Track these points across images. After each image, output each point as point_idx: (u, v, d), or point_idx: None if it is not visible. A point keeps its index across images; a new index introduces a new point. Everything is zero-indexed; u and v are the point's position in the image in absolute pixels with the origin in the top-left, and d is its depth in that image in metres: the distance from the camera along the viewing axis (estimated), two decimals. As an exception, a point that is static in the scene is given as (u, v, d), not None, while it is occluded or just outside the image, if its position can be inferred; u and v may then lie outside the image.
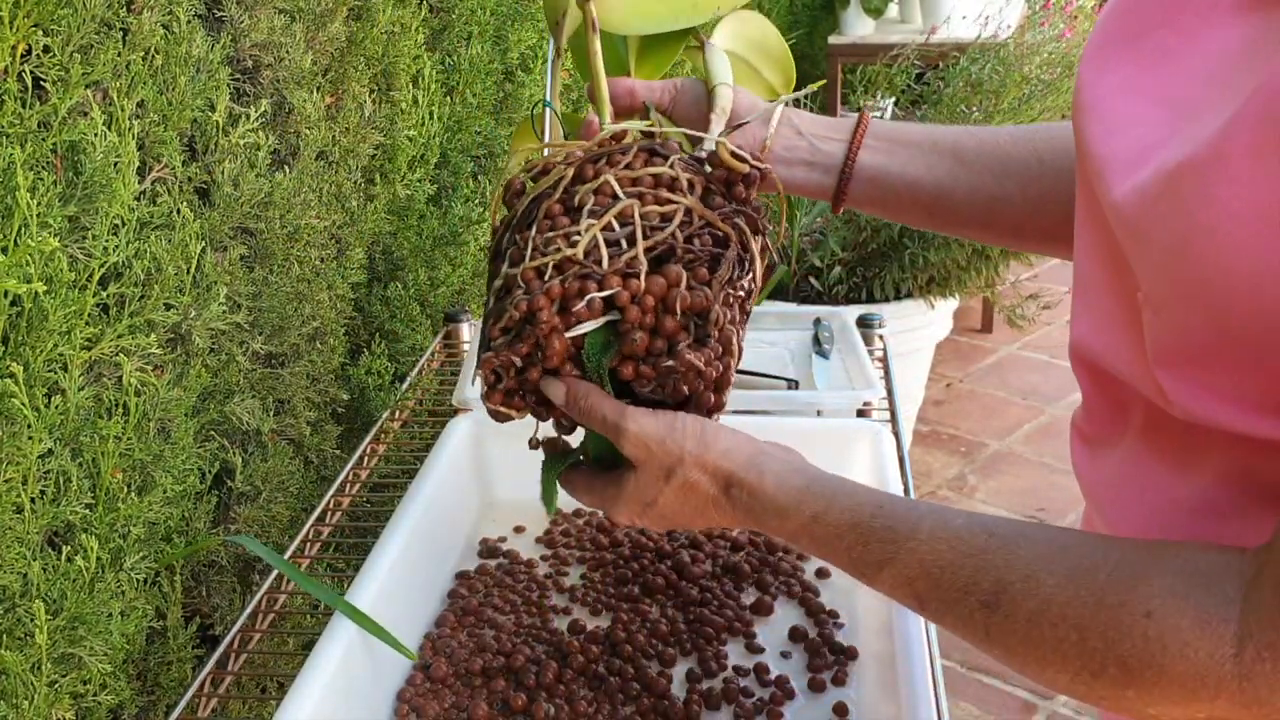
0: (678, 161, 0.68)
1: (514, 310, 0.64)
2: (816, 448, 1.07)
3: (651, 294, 0.64)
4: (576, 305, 0.64)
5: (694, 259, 0.66)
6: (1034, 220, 0.77)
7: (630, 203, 0.65)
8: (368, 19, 1.31)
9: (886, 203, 0.80)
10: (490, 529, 1.07)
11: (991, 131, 0.79)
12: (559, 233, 0.65)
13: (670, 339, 0.65)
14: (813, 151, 0.79)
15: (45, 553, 0.89)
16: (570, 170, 0.67)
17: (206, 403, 1.11)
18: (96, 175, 0.90)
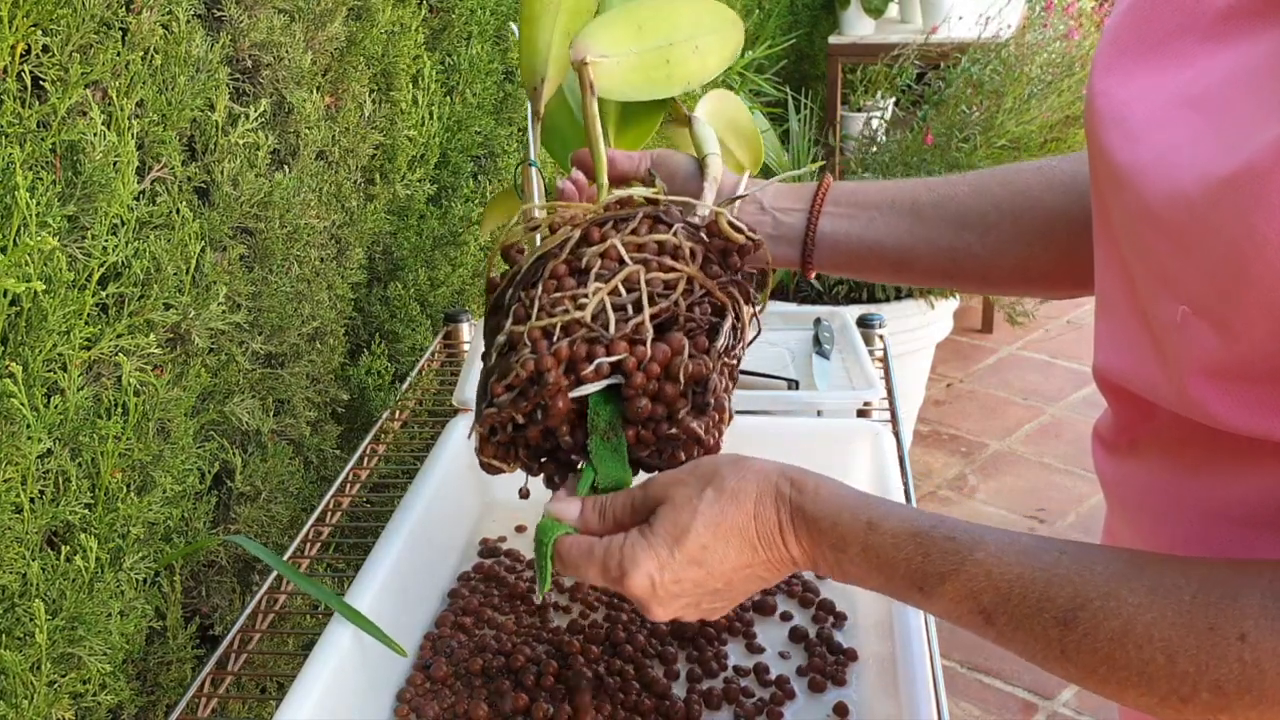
0: (681, 229, 0.70)
1: (521, 369, 0.65)
2: (816, 448, 1.07)
3: (656, 361, 0.65)
4: (584, 369, 0.65)
5: (695, 327, 0.67)
6: (997, 266, 0.78)
7: (636, 268, 0.67)
8: (367, 19, 1.31)
9: (852, 265, 0.82)
10: (490, 529, 1.07)
11: (948, 183, 0.81)
12: (566, 294, 0.66)
13: (670, 405, 0.66)
14: (776, 225, 0.81)
15: (44, 552, 0.89)
16: (577, 232, 0.69)
17: (206, 403, 1.11)
18: (96, 175, 0.90)
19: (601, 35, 0.79)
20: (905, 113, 3.01)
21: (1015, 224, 0.76)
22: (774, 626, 0.93)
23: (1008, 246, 0.77)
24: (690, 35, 0.83)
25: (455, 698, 0.83)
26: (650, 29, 0.81)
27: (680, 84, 0.83)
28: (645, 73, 0.81)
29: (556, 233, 0.69)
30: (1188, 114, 0.51)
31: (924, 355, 2.81)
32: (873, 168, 2.71)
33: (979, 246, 0.78)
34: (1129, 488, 0.63)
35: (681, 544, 0.64)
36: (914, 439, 2.95)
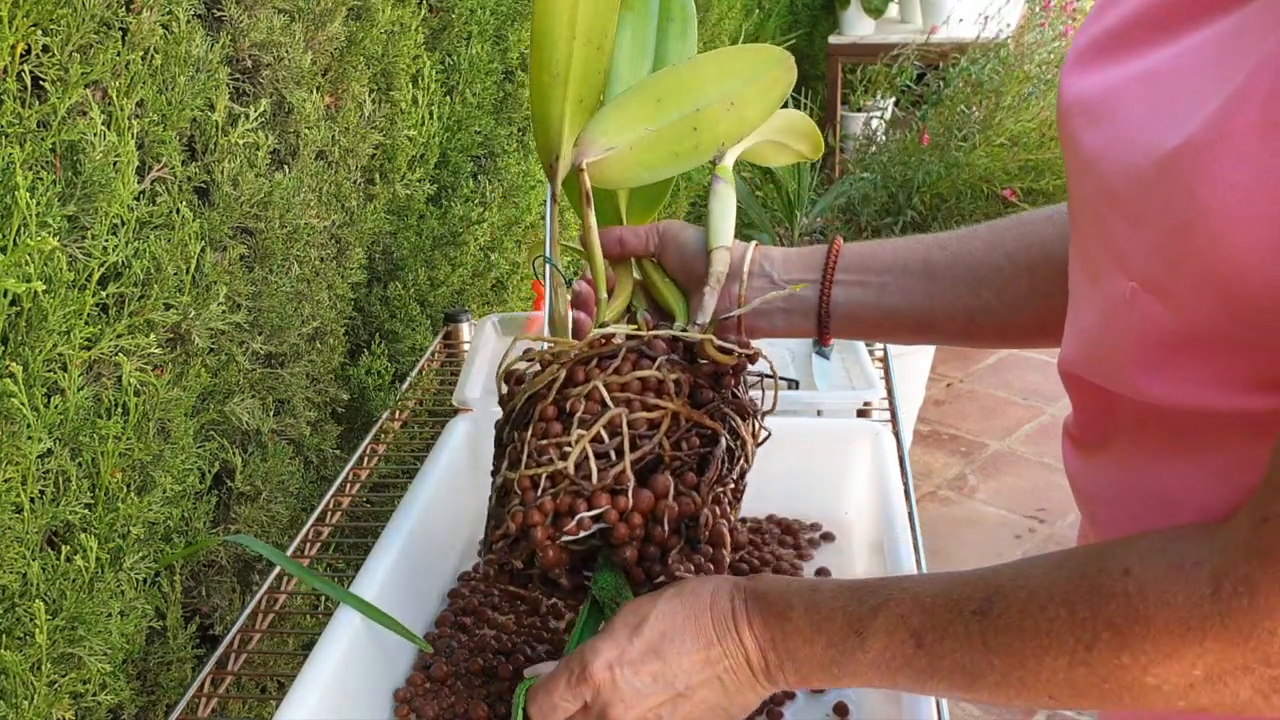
0: (665, 363, 0.70)
1: (511, 522, 0.68)
2: (816, 448, 1.07)
3: (639, 511, 0.67)
4: (568, 523, 0.67)
5: (681, 464, 0.69)
6: (1015, 321, 0.78)
7: (618, 412, 0.68)
8: (367, 19, 1.31)
9: (870, 332, 0.82)
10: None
11: (960, 239, 0.79)
12: (551, 441, 0.68)
13: (663, 546, 0.68)
14: (788, 299, 0.80)
15: (45, 552, 0.89)
16: (563, 372, 0.70)
17: (206, 403, 1.11)
18: (96, 175, 0.90)
19: (610, 123, 0.76)
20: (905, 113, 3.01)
21: (1031, 277, 0.76)
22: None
23: (1025, 300, 0.76)
24: (722, 93, 0.77)
25: (455, 697, 0.83)
26: (671, 100, 0.76)
27: (711, 149, 0.79)
28: (667, 148, 0.77)
29: (545, 370, 0.70)
30: (1140, 91, 0.53)
31: (924, 355, 2.81)
32: (871, 167, 2.71)
33: (996, 303, 0.77)
34: (1099, 485, 0.64)
35: (639, 631, 0.66)
36: (914, 439, 2.95)
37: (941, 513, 2.67)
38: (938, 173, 2.54)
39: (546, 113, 0.77)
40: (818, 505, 1.06)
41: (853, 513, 1.06)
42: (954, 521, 2.63)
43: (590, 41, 0.76)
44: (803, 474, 1.06)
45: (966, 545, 2.53)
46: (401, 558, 0.90)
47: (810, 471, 1.07)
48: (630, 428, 0.68)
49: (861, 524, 1.04)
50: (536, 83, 0.77)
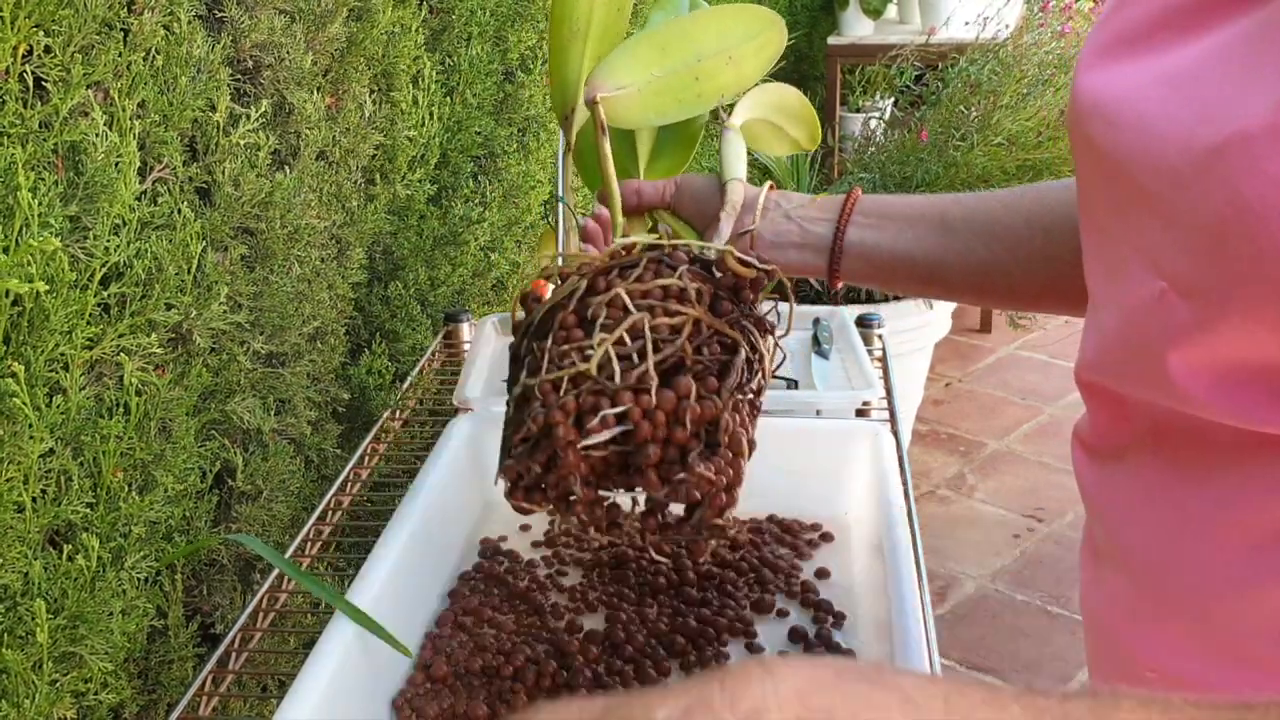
0: (686, 272, 0.70)
1: (532, 423, 0.67)
2: (816, 447, 1.08)
3: (662, 409, 0.66)
4: (590, 421, 0.65)
5: (703, 369, 0.68)
6: (1027, 282, 0.78)
7: (641, 316, 0.67)
8: (368, 20, 1.31)
9: (880, 276, 0.82)
10: (491, 529, 1.08)
11: (979, 198, 0.80)
12: (573, 346, 0.67)
13: (682, 448, 0.67)
14: (803, 234, 0.80)
15: (46, 552, 0.90)
16: (584, 282, 0.70)
17: (207, 402, 1.12)
18: (98, 175, 0.91)
19: (619, 66, 0.78)
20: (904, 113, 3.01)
21: (1047, 239, 0.76)
22: (773, 625, 0.93)
23: (1039, 263, 0.77)
24: (721, 47, 0.81)
25: (455, 698, 0.84)
26: (675, 49, 0.80)
27: (713, 98, 0.82)
28: (673, 94, 0.80)
29: (566, 282, 0.70)
30: (1166, 93, 0.52)
31: (923, 355, 2.82)
32: (870, 167, 2.72)
33: (1010, 261, 0.77)
34: (1116, 496, 0.63)
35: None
36: (913, 439, 2.95)
37: (940, 512, 2.67)
38: (936, 172, 2.54)
39: (564, 65, 0.80)
40: (817, 505, 1.06)
41: (852, 513, 1.06)
42: (953, 521, 2.63)
43: (611, 3, 0.80)
44: (802, 474, 1.06)
45: (965, 545, 2.54)
46: (402, 557, 0.90)
47: (810, 471, 1.07)
48: (652, 332, 0.67)
49: (861, 524, 1.04)
50: (555, 37, 0.80)
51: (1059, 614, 2.31)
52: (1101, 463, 0.64)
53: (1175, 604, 0.58)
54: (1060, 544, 2.53)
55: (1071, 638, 2.25)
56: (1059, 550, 2.52)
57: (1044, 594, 2.38)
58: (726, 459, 0.67)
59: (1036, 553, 2.52)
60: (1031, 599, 2.36)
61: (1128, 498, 0.61)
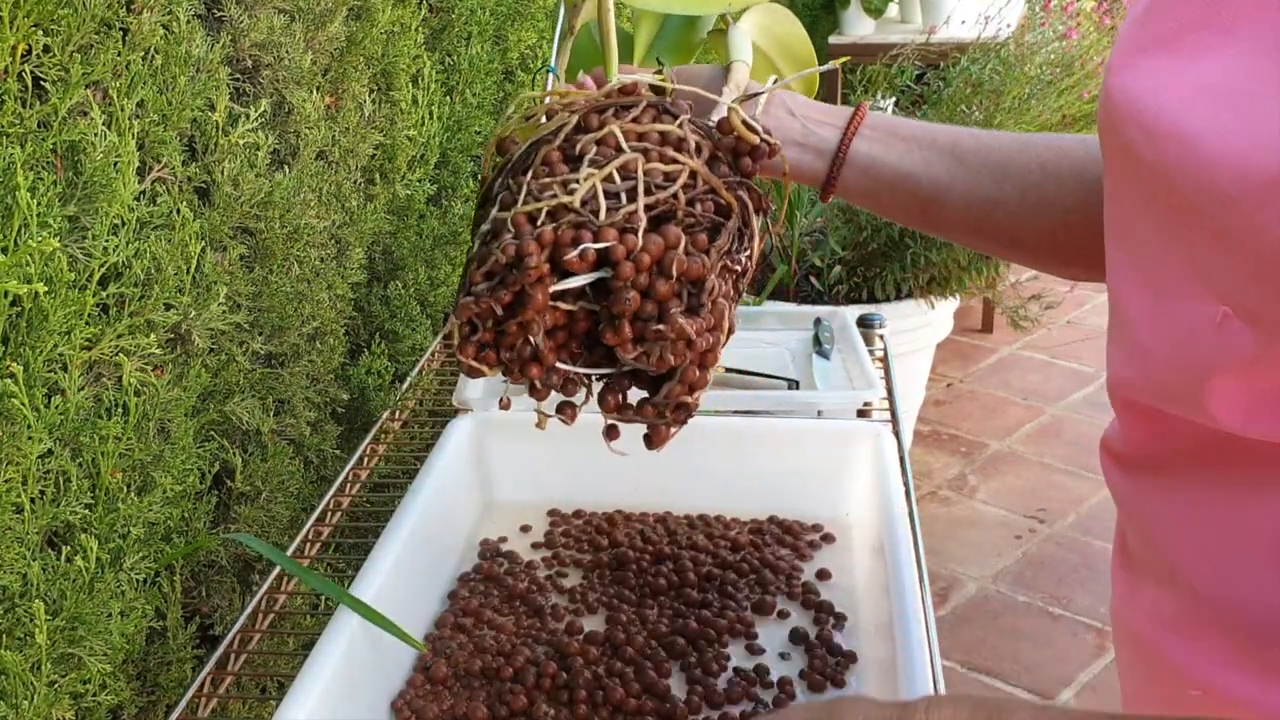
0: (687, 122, 0.65)
1: (500, 254, 0.59)
2: (817, 449, 1.07)
3: (648, 253, 0.60)
4: (568, 254, 0.59)
5: (694, 224, 0.63)
6: (1030, 227, 0.75)
7: (634, 157, 0.62)
8: (367, 19, 1.31)
9: (879, 195, 0.77)
10: (490, 530, 1.07)
11: (993, 134, 0.77)
12: (556, 179, 0.61)
13: (662, 303, 0.60)
14: (805, 134, 0.76)
15: (45, 553, 0.89)
16: (574, 118, 0.64)
17: (206, 403, 1.11)
18: (96, 175, 0.90)
19: None
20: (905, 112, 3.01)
21: (1058, 186, 0.73)
22: (774, 627, 0.93)
23: (1046, 209, 0.73)
24: None
25: (455, 699, 0.83)
26: None
27: (719, 2, 0.78)
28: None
29: (553, 119, 0.64)
30: (1204, 105, 0.50)
31: (924, 355, 2.81)
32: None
33: (1016, 202, 0.74)
34: (1149, 505, 0.61)
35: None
36: (914, 439, 2.95)
37: (941, 513, 2.67)
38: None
39: None
40: (818, 506, 1.06)
41: (853, 514, 1.05)
42: (954, 521, 2.63)
43: None
44: (803, 474, 1.06)
45: (966, 545, 2.54)
46: (401, 559, 0.90)
47: (810, 472, 1.06)
48: (645, 176, 0.61)
49: (862, 525, 1.04)
50: None
51: (1061, 615, 2.31)
52: (1136, 474, 0.62)
53: (1226, 620, 0.56)
54: (1062, 545, 2.53)
55: (1073, 639, 2.24)
56: (1061, 551, 2.51)
57: (1046, 595, 2.37)
58: (709, 323, 0.61)
59: (1038, 554, 2.51)
60: (1033, 600, 2.36)
61: (1171, 511, 0.59)
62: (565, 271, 0.60)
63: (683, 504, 1.08)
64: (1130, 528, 0.64)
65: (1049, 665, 2.18)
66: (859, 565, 1.00)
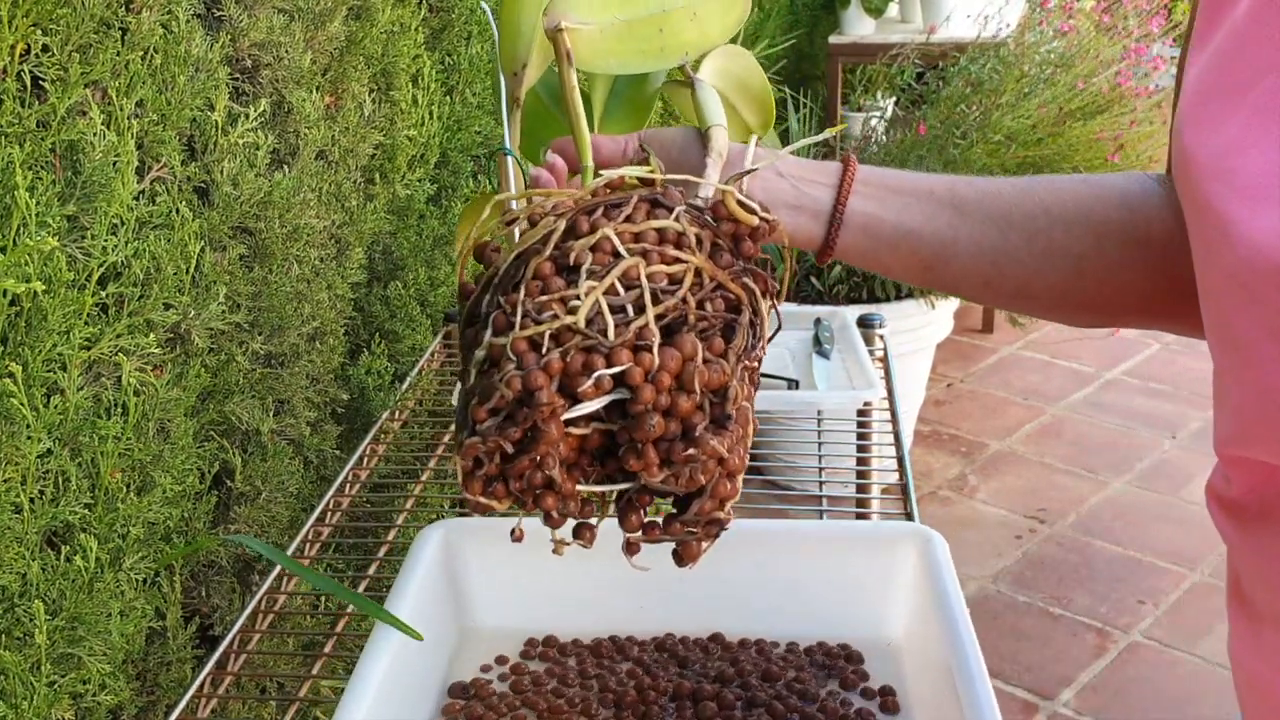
0: (683, 214, 0.60)
1: (506, 388, 0.55)
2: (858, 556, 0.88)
3: (667, 370, 0.56)
4: (581, 384, 0.55)
5: (708, 327, 0.58)
6: (1040, 277, 0.71)
7: (634, 262, 0.57)
8: (367, 18, 1.31)
9: (879, 254, 0.73)
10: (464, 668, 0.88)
11: (990, 181, 0.73)
12: (553, 296, 0.57)
13: (686, 421, 0.57)
14: (797, 195, 0.72)
15: (44, 553, 0.89)
16: (561, 223, 0.59)
17: (206, 403, 1.11)
18: (95, 175, 0.90)
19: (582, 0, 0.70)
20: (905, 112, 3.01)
21: (1066, 232, 0.70)
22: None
23: (1055, 257, 0.70)
24: (686, 1, 0.74)
25: None
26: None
27: (675, 55, 0.74)
28: (635, 43, 0.72)
29: (538, 225, 0.60)
30: None
31: (924, 355, 2.81)
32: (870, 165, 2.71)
33: (1025, 252, 0.70)
34: (1265, 554, 0.58)
35: None
36: (914, 439, 2.95)
37: (942, 513, 2.67)
38: (935, 170, 2.54)
39: (517, 19, 0.75)
40: (859, 625, 0.89)
41: (902, 633, 0.88)
42: (954, 522, 2.63)
43: None
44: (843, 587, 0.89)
45: (966, 545, 2.53)
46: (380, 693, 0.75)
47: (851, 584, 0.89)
48: (649, 281, 0.57)
49: (913, 646, 0.87)
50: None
51: (1061, 615, 2.31)
52: (1249, 524, 0.59)
53: None
54: (1062, 545, 2.53)
55: (1073, 639, 2.24)
56: (1061, 551, 2.51)
57: (1046, 595, 2.37)
58: (737, 435, 0.58)
59: (1038, 554, 2.51)
60: (1033, 600, 2.36)
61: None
62: (576, 396, 0.56)
63: (695, 625, 0.90)
64: (1244, 573, 0.61)
65: (1049, 665, 2.18)
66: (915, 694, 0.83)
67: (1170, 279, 0.67)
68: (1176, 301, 0.68)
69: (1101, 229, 0.70)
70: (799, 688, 0.81)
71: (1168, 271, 0.67)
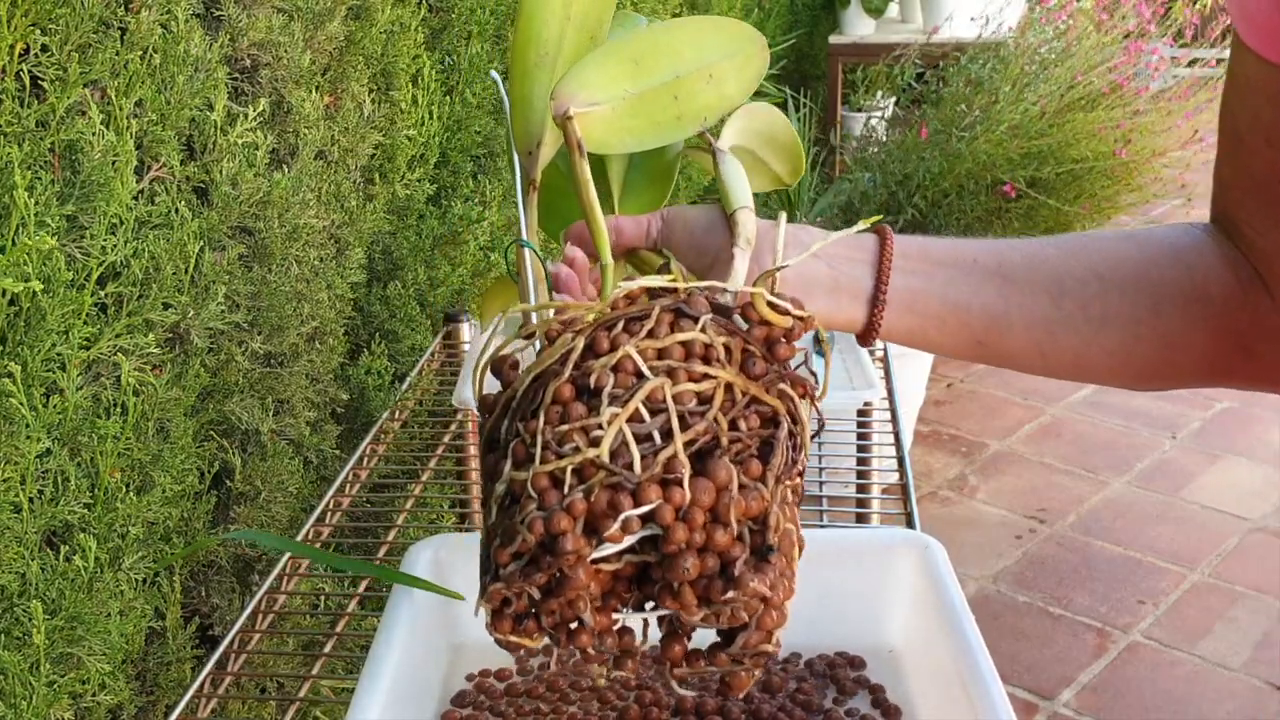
0: (710, 323, 0.56)
1: (528, 532, 0.52)
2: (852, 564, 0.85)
3: (699, 506, 0.52)
4: (608, 527, 0.51)
5: (743, 449, 0.54)
6: (1098, 345, 0.66)
7: (659, 383, 0.54)
8: (366, 18, 1.31)
9: (927, 331, 0.68)
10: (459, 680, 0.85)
11: (1033, 243, 0.68)
12: (574, 425, 0.53)
13: (725, 556, 0.53)
14: (834, 276, 0.67)
15: (43, 552, 0.89)
16: (580, 340, 0.55)
17: (205, 402, 1.11)
18: (94, 174, 0.90)
19: (589, 78, 0.66)
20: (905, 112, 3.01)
21: (1122, 296, 0.66)
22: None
23: (1112, 324, 0.66)
24: (700, 64, 0.69)
25: None
26: (649, 63, 0.67)
27: (694, 122, 0.69)
28: (649, 116, 0.68)
29: (556, 343, 0.56)
30: None
31: (924, 355, 2.81)
32: (870, 166, 2.71)
33: (1080, 319, 0.66)
34: None
35: None
36: (914, 439, 2.95)
37: (942, 513, 2.67)
38: (940, 166, 2.54)
39: (529, 95, 0.69)
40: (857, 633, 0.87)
41: (903, 642, 0.87)
42: (954, 522, 2.62)
43: (584, 29, 0.70)
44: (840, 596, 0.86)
45: (966, 546, 2.53)
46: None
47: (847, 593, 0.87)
48: (676, 403, 0.53)
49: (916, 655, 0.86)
50: (520, 61, 0.69)
51: (1061, 615, 2.31)
52: None
53: None
54: (1062, 545, 2.53)
55: (1074, 639, 2.24)
56: (1061, 551, 2.51)
57: (1046, 595, 2.37)
58: (780, 567, 0.54)
59: (1038, 554, 2.51)
60: (1033, 600, 2.36)
61: None
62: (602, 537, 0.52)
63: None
64: None
65: (1049, 665, 2.18)
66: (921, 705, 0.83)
67: (1233, 335, 0.65)
68: (1240, 359, 0.65)
69: (1158, 290, 0.66)
70: (802, 699, 0.80)
71: (1230, 328, 0.65)
